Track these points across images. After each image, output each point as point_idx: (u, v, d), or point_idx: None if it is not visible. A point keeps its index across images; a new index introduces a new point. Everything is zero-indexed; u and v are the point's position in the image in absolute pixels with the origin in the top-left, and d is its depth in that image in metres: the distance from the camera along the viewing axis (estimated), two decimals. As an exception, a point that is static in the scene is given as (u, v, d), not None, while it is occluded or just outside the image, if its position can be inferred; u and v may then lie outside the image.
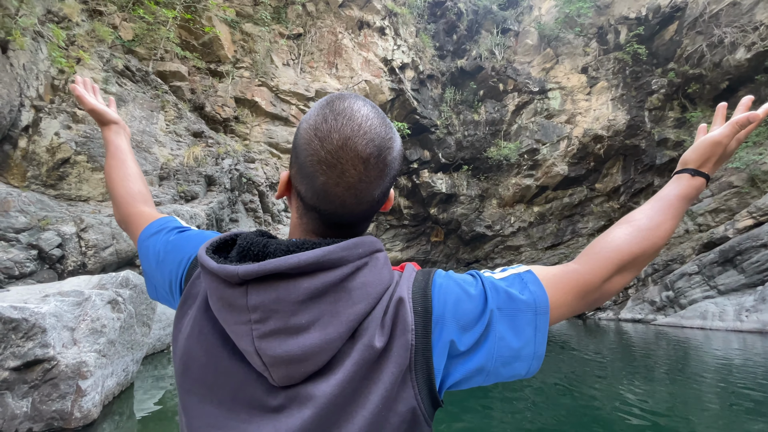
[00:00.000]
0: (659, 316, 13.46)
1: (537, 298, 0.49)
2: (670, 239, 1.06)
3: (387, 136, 0.52)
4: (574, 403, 4.90)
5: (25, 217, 7.15)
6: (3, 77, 7.60)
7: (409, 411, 0.44)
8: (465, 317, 0.46)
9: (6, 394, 3.45)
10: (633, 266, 0.59)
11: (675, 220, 0.66)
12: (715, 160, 0.70)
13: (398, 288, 0.48)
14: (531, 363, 0.49)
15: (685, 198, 0.68)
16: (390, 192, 0.57)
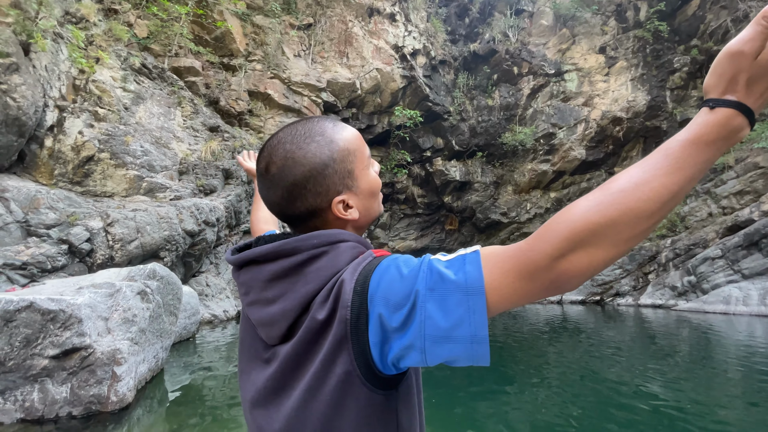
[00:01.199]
0: (681, 301, 13.21)
1: (469, 278, 0.48)
2: (678, 200, 0.44)
3: (296, 160, 0.64)
4: (594, 390, 4.93)
5: (54, 214, 7.48)
6: (27, 79, 7.88)
7: (344, 373, 0.53)
8: (394, 296, 0.50)
9: (47, 381, 3.70)
10: (599, 240, 0.45)
11: (675, 174, 0.46)
12: (747, 80, 0.46)
13: (346, 271, 0.56)
14: (471, 347, 0.48)
15: (695, 142, 0.46)
16: (328, 207, 0.67)
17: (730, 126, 0.45)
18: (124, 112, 8.51)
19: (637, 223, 0.45)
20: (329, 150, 0.66)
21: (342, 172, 0.67)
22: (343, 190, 0.67)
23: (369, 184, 0.72)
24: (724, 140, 0.46)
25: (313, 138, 0.65)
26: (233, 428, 3.59)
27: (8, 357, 3.55)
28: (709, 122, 0.46)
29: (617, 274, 15.91)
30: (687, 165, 0.46)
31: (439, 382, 5.30)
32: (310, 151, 0.64)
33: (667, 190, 0.45)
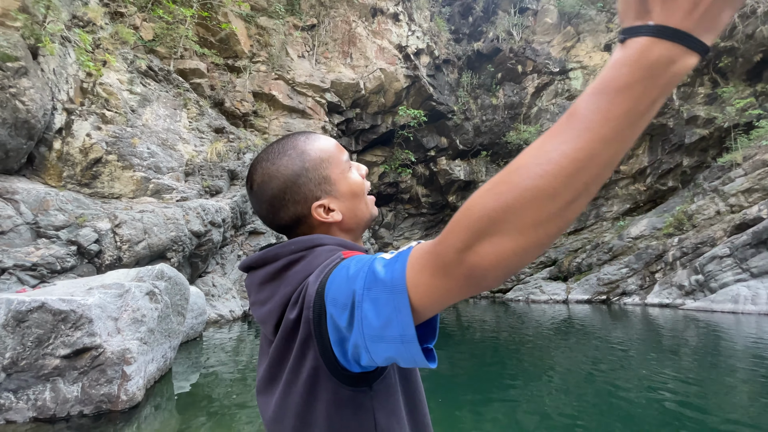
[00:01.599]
0: (688, 300, 13.10)
1: (394, 277, 0.47)
2: (603, 167, 0.32)
3: (271, 176, 0.71)
4: (600, 390, 4.92)
5: (63, 215, 7.57)
6: (35, 82, 7.99)
7: (312, 368, 0.57)
8: (340, 296, 0.51)
9: (58, 380, 3.76)
10: (501, 227, 0.38)
11: (579, 139, 0.35)
12: None
13: (313, 273, 0.59)
14: (402, 347, 0.46)
15: (603, 91, 0.35)
16: (310, 214, 0.72)
17: (648, 60, 0.33)
18: (130, 114, 8.60)
19: (540, 205, 0.36)
20: (300, 161, 0.71)
21: (317, 178, 0.72)
22: (321, 195, 0.72)
23: (349, 187, 0.75)
24: (644, 81, 0.33)
25: (285, 152, 0.72)
26: (240, 427, 3.62)
27: (20, 357, 3.61)
28: (618, 61, 0.34)
29: (623, 273, 15.81)
30: (595, 123, 0.34)
31: (445, 381, 5.32)
32: (282, 164, 0.71)
33: (570, 160, 0.35)
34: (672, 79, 0.34)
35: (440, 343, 8.28)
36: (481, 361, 6.76)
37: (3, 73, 7.45)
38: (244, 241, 10.65)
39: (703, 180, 16.00)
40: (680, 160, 18.43)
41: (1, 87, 7.41)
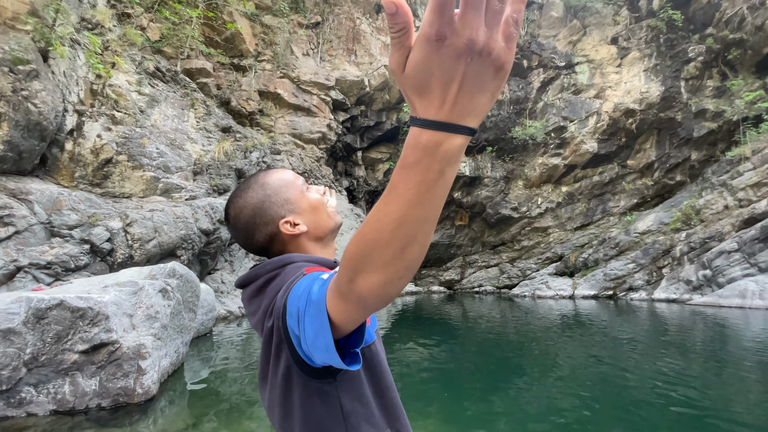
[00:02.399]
0: (695, 295, 13.04)
1: (320, 299, 0.56)
2: (414, 227, 0.43)
3: (241, 207, 0.86)
4: (605, 384, 4.97)
5: (76, 215, 7.75)
6: (46, 85, 8.15)
7: (286, 366, 0.68)
8: (293, 310, 0.62)
9: (77, 374, 3.90)
10: (365, 266, 0.47)
11: (393, 202, 0.44)
12: (413, 93, 0.40)
13: (282, 288, 0.70)
14: (327, 354, 0.56)
15: (401, 166, 0.43)
16: (278, 230, 0.85)
17: (421, 144, 0.40)
18: (139, 115, 8.74)
19: (380, 251, 0.45)
20: (263, 190, 0.87)
21: (279, 201, 0.87)
22: (285, 213, 0.87)
23: (308, 203, 0.90)
24: (425, 158, 0.40)
25: (250, 187, 0.88)
26: (251, 420, 3.75)
27: (41, 352, 3.75)
28: (406, 143, 0.41)
29: (630, 269, 15.76)
30: (400, 190, 0.42)
31: (451, 375, 5.40)
32: (249, 196, 0.87)
33: (389, 218, 0.44)
34: (447, 155, 0.40)
35: (447, 337, 8.36)
36: (487, 355, 6.84)
37: (15, 76, 7.61)
38: (251, 238, 10.79)
39: (711, 174, 15.85)
40: (688, 154, 18.25)
41: (14, 90, 7.58)
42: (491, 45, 0.36)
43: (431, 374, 5.54)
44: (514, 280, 20.29)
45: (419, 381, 5.16)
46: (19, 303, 3.73)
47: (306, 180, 0.88)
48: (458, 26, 0.35)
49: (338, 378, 0.70)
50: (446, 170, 0.41)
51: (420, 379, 5.27)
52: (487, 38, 0.36)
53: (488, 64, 0.37)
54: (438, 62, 0.36)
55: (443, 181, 0.42)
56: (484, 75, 0.38)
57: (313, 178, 13.75)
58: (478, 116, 0.40)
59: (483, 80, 0.38)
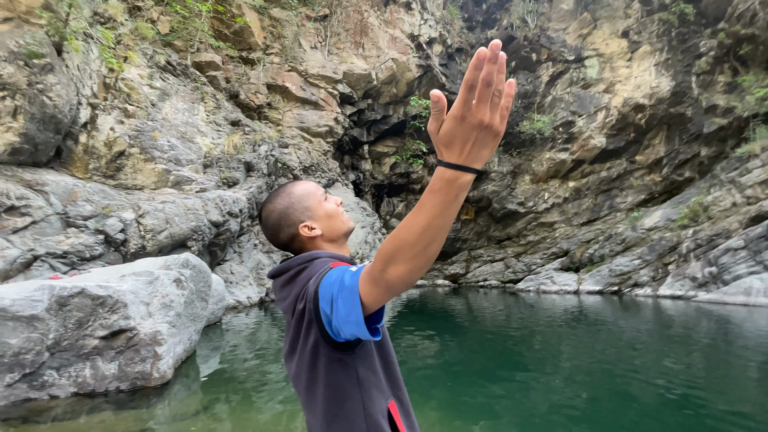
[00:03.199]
0: (701, 292, 13.03)
1: (353, 284, 0.73)
2: (435, 233, 0.66)
3: (271, 211, 1.07)
4: (608, 378, 5.08)
5: (90, 206, 7.96)
6: (61, 78, 8.32)
7: (314, 341, 0.85)
8: (327, 295, 0.78)
9: (97, 359, 4.10)
10: (396, 259, 0.65)
11: (420, 215, 0.63)
12: (443, 146, 0.62)
13: (313, 278, 0.87)
14: (357, 327, 0.73)
15: (429, 191, 0.63)
16: (298, 232, 1.05)
17: (444, 178, 0.61)
18: (151, 108, 8.89)
19: (410, 248, 0.64)
20: (288, 199, 1.08)
21: (300, 208, 1.07)
22: (305, 219, 1.06)
23: (324, 211, 1.08)
24: (445, 188, 0.61)
25: (279, 195, 1.10)
26: (261, 404, 3.92)
27: (63, 337, 3.95)
28: (434, 176, 0.62)
29: (636, 265, 15.75)
30: (426, 207, 0.62)
31: (454, 368, 5.54)
32: (277, 203, 1.08)
33: (418, 226, 0.63)
34: (461, 185, 0.61)
35: (451, 330, 8.51)
36: (490, 347, 6.97)
37: (30, 69, 7.78)
38: (260, 230, 10.97)
39: (720, 171, 15.71)
40: (698, 150, 18.07)
41: (29, 83, 7.75)
42: (492, 122, 0.60)
43: (436, 363, 5.68)
44: (519, 275, 20.36)
45: (424, 370, 5.31)
46: (42, 291, 3.91)
47: (325, 189, 1.06)
48: (474, 111, 0.58)
49: (356, 351, 0.88)
50: (460, 195, 0.62)
51: (424, 367, 5.42)
52: (490, 118, 0.59)
53: (490, 132, 0.60)
54: (460, 131, 0.60)
55: (457, 202, 0.63)
56: (487, 139, 0.61)
57: (320, 172, 13.86)
58: (482, 162, 0.63)
59: (486, 142, 0.61)
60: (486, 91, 0.57)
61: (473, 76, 0.56)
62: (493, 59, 0.55)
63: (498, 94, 0.59)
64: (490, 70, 0.56)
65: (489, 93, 0.58)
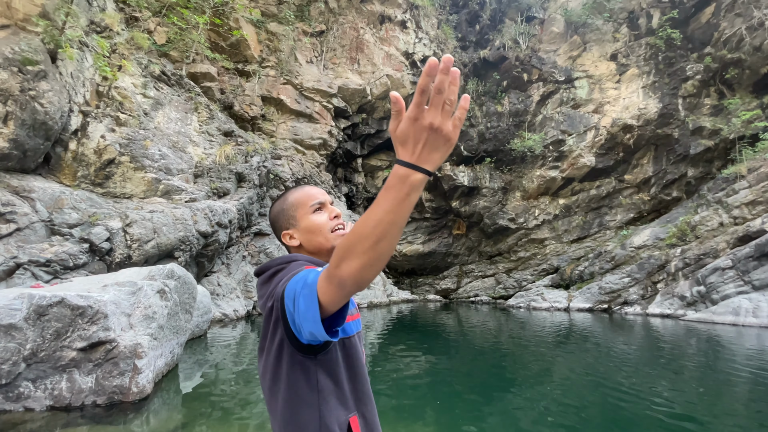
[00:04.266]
0: (689, 311, 13.12)
1: (313, 282, 0.77)
2: (386, 228, 0.69)
3: (271, 212, 1.15)
4: (597, 397, 5.04)
5: (77, 214, 7.84)
6: (54, 85, 8.29)
7: (280, 339, 0.88)
8: (290, 293, 0.82)
9: (74, 372, 3.97)
10: (350, 254, 0.68)
11: (375, 209, 0.67)
12: (399, 144, 0.67)
13: (284, 278, 0.90)
14: (313, 325, 0.77)
15: (384, 187, 0.68)
16: (285, 241, 1.11)
17: (398, 175, 0.66)
18: (143, 117, 8.87)
19: (362, 242, 0.67)
20: (282, 204, 1.14)
21: (287, 216, 1.11)
22: (288, 227, 1.11)
23: (306, 225, 1.10)
24: (397, 185, 0.65)
25: (280, 198, 1.17)
26: (242, 422, 3.81)
27: (40, 348, 3.82)
28: (390, 173, 0.68)
29: (625, 283, 15.84)
30: (380, 202, 0.67)
31: (444, 384, 5.47)
32: (276, 206, 1.15)
33: (371, 220, 0.67)
34: (412, 184, 0.65)
35: (441, 346, 8.42)
36: (481, 365, 6.90)
37: (23, 76, 7.75)
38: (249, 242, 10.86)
39: (707, 191, 16.02)
40: (685, 170, 18.44)
41: (21, 89, 7.71)
42: (442, 126, 0.65)
43: (424, 381, 5.60)
44: (510, 291, 20.35)
45: (412, 388, 5.22)
46: (22, 299, 3.81)
47: (325, 202, 1.16)
48: (426, 114, 0.64)
49: (318, 357, 0.90)
50: (411, 193, 0.66)
51: (413, 385, 5.34)
52: (440, 122, 0.64)
53: (440, 136, 0.65)
54: (413, 131, 0.65)
55: (408, 201, 0.66)
56: (438, 142, 0.66)
57: (313, 184, 13.87)
58: (433, 164, 0.67)
59: (437, 145, 0.66)
60: (437, 97, 0.63)
61: (425, 82, 0.62)
62: (445, 71, 0.61)
63: (449, 103, 0.64)
64: (442, 79, 0.62)
65: (440, 100, 0.63)
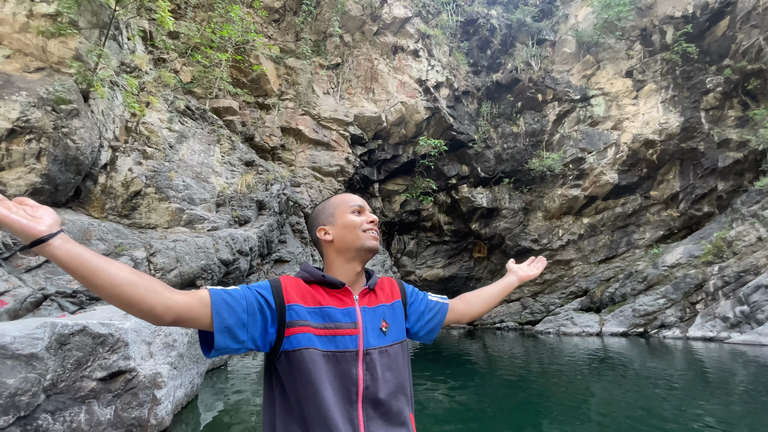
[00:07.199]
0: (733, 333, 12.20)
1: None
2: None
3: (313, 210, 1.24)
4: (639, 430, 4.61)
5: (104, 245, 8.02)
6: (86, 123, 8.72)
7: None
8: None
9: (93, 403, 3.89)
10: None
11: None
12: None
13: None
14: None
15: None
16: (320, 236, 1.19)
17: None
18: (168, 150, 9.19)
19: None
20: (325, 203, 1.23)
21: (328, 213, 1.19)
22: (326, 223, 1.18)
23: (343, 221, 1.16)
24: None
25: (325, 199, 1.27)
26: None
27: (60, 379, 3.78)
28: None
29: (661, 305, 14.97)
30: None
31: (473, 415, 5.12)
32: (319, 205, 1.24)
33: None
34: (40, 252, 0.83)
35: (467, 376, 8.00)
36: (509, 396, 6.48)
37: (57, 114, 8.20)
38: (269, 269, 10.87)
39: (741, 205, 15.27)
40: (714, 184, 17.72)
41: (55, 127, 8.13)
42: None
43: (450, 416, 5.26)
44: (537, 316, 19.53)
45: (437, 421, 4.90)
46: (44, 328, 3.81)
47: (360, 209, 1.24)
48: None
49: (275, 362, 1.01)
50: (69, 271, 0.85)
51: (437, 420, 5.01)
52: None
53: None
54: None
55: (80, 275, 0.85)
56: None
57: (331, 210, 13.91)
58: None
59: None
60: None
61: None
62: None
63: None
64: None
65: None
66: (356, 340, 1.00)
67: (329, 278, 1.06)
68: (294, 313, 0.98)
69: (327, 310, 1.02)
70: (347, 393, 0.95)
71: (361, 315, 1.05)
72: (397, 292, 1.21)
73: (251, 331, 0.94)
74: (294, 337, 0.96)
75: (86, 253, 0.86)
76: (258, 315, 0.96)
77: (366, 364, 0.99)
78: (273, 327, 0.98)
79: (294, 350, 0.95)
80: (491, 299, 1.43)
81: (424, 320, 1.25)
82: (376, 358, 1.01)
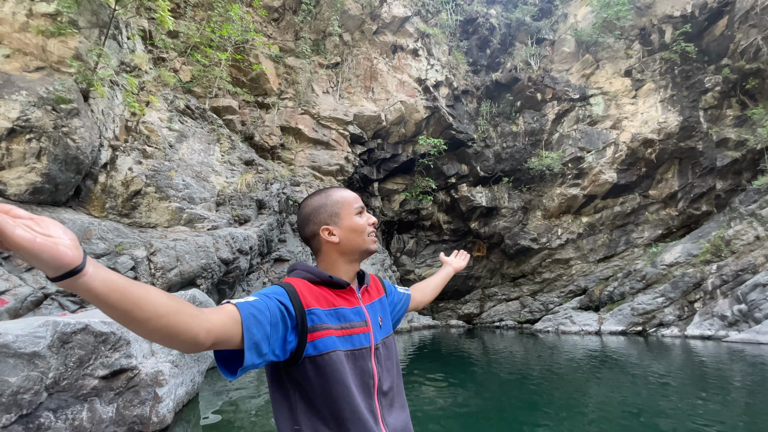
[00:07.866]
0: (732, 331, 12.26)
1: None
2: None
3: (306, 205, 1.16)
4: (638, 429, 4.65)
5: (104, 244, 8.04)
6: (86, 122, 8.73)
7: None
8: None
9: (95, 401, 3.91)
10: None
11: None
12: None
13: None
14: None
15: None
16: (319, 233, 1.13)
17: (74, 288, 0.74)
18: (168, 149, 9.20)
19: None
20: (324, 199, 1.14)
21: (330, 212, 1.12)
22: (330, 223, 1.11)
23: (350, 224, 1.12)
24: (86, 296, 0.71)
25: (320, 193, 1.17)
26: (266, 452, 3.64)
27: (62, 377, 3.80)
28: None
29: (659, 303, 15.03)
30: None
31: (470, 415, 5.16)
32: (315, 200, 1.15)
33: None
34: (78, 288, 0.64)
35: (466, 375, 8.04)
36: (508, 395, 6.52)
37: (57, 114, 8.20)
38: (269, 268, 10.89)
39: (739, 204, 15.33)
40: (713, 183, 17.78)
41: (55, 126, 8.14)
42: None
43: (449, 414, 5.30)
44: (536, 315, 19.58)
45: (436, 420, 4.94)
46: (46, 327, 3.83)
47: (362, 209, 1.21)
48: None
49: (290, 370, 0.97)
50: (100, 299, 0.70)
51: (436, 418, 5.05)
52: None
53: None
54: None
55: (107, 304, 0.68)
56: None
57: (331, 209, 13.92)
58: (50, 273, 0.67)
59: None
60: None
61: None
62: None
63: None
64: None
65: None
66: (368, 336, 1.05)
67: (336, 279, 1.07)
68: (315, 317, 0.98)
69: (341, 311, 1.04)
70: (367, 387, 1.00)
71: (368, 312, 1.11)
72: (380, 288, 1.29)
73: (272, 343, 0.90)
74: (319, 341, 0.96)
75: (122, 280, 0.68)
76: (280, 324, 0.92)
77: (377, 357, 1.05)
78: (293, 334, 0.95)
79: (320, 354, 0.95)
80: (437, 289, 1.65)
81: (396, 311, 1.36)
82: (382, 351, 1.08)
